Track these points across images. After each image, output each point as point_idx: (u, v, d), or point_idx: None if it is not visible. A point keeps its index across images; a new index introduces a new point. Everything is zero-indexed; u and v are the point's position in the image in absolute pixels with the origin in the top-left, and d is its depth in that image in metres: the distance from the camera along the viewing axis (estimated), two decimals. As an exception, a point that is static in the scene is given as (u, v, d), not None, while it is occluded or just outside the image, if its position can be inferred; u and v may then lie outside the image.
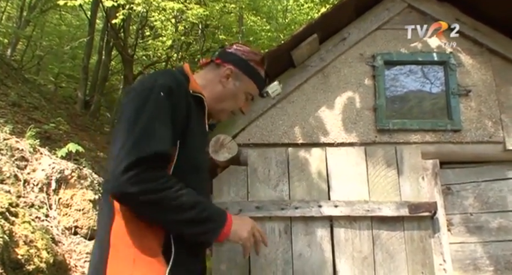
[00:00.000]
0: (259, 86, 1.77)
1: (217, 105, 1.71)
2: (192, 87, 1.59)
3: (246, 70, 1.73)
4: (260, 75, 1.77)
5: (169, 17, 11.65)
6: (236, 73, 1.71)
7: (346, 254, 2.83)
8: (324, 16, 3.19)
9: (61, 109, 11.81)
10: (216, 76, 1.72)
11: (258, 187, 2.94)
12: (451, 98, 3.29)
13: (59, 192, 6.01)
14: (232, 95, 1.72)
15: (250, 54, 1.76)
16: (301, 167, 3.00)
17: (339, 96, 3.33)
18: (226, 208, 2.27)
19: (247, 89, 1.74)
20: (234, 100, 1.73)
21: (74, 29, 16.32)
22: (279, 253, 2.78)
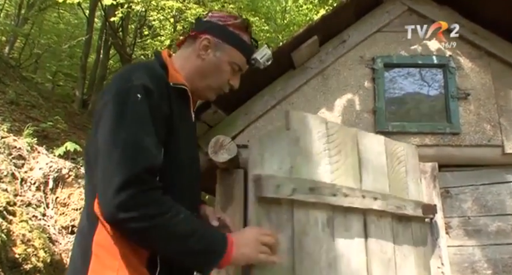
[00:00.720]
0: (244, 53, 1.51)
1: (201, 83, 1.49)
2: (172, 79, 1.40)
3: (226, 37, 1.48)
4: (243, 41, 1.51)
5: (168, 16, 11.64)
6: (215, 42, 1.47)
7: (376, 256, 2.26)
8: (324, 18, 3.20)
9: (59, 108, 11.77)
10: (193, 50, 1.49)
11: (300, 162, 2.05)
12: (450, 101, 3.30)
13: (56, 191, 6.00)
14: (214, 68, 1.48)
15: (229, 18, 1.51)
16: (338, 147, 2.27)
17: (338, 98, 3.33)
18: (278, 186, 1.79)
19: (231, 58, 1.48)
20: (218, 74, 1.49)
21: (72, 28, 16.27)
22: (323, 252, 2.00)
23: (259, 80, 3.24)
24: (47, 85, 14.44)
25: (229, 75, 1.51)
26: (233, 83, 1.54)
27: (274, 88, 3.32)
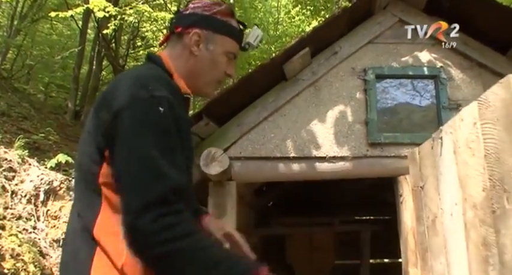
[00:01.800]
0: (237, 39, 1.42)
1: (198, 80, 1.40)
2: (183, 90, 1.34)
3: (215, 27, 1.38)
4: (234, 27, 1.42)
5: (160, 27, 11.66)
6: (205, 35, 1.37)
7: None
8: (316, 30, 3.21)
9: (51, 119, 11.71)
10: (183, 48, 1.38)
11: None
12: (442, 112, 3.30)
13: (47, 204, 5.93)
14: (210, 62, 1.38)
15: (213, 6, 1.41)
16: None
17: (330, 109, 3.33)
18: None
19: (224, 48, 1.39)
20: (214, 67, 1.40)
21: (65, 39, 16.24)
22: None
23: (251, 91, 3.24)
24: (39, 96, 14.37)
25: (224, 65, 1.42)
26: (230, 72, 1.44)
27: (266, 100, 3.32)
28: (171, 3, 13.94)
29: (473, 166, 1.71)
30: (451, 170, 2.01)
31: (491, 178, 1.55)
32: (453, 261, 2.02)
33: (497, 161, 1.51)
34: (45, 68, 14.75)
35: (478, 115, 1.60)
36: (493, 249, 1.55)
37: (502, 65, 3.40)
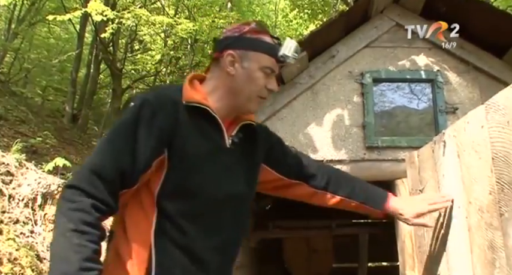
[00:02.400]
0: (270, 53, 1.46)
1: (239, 98, 1.45)
2: (185, 98, 1.39)
3: (248, 45, 1.45)
4: (265, 42, 1.46)
5: (158, 31, 11.67)
6: (239, 54, 1.44)
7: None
8: (313, 34, 3.22)
9: (48, 123, 11.70)
10: (221, 70, 1.46)
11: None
12: (439, 116, 3.32)
13: (45, 207, 5.91)
14: (247, 79, 1.44)
15: (243, 26, 1.48)
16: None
17: (328, 113, 3.34)
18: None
19: (259, 63, 1.44)
20: (252, 83, 1.44)
21: (62, 42, 16.24)
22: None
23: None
24: (37, 100, 14.35)
25: (263, 80, 1.46)
26: (271, 86, 1.48)
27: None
28: (168, 7, 13.96)
29: (480, 169, 1.71)
30: (454, 173, 2.02)
31: (499, 181, 1.56)
32: (455, 264, 2.05)
33: (506, 164, 1.51)
34: (42, 71, 14.75)
35: (486, 119, 1.60)
36: (500, 252, 1.55)
37: (498, 68, 3.42)
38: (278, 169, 1.68)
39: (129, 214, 1.36)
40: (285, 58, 1.46)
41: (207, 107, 1.40)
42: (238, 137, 1.50)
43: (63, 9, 11.86)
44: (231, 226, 1.45)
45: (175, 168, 1.33)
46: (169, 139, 1.32)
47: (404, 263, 3.21)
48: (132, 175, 1.29)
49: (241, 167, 1.51)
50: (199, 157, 1.37)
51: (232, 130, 1.49)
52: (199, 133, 1.38)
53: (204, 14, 11.79)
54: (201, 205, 1.36)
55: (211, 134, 1.42)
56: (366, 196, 1.75)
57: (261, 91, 1.47)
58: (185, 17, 11.32)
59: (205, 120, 1.40)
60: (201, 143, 1.38)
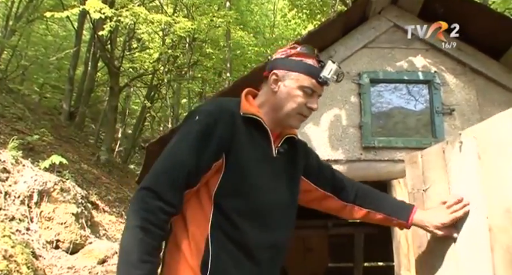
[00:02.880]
0: (310, 74, 1.61)
1: (280, 113, 1.63)
2: (242, 110, 1.59)
3: (289, 66, 1.63)
4: (306, 63, 1.62)
5: (156, 29, 11.66)
6: (282, 74, 1.63)
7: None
8: (311, 34, 3.23)
9: (45, 120, 11.69)
10: (268, 88, 1.67)
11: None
12: (436, 117, 3.33)
13: (41, 205, 5.91)
14: (287, 96, 1.61)
15: (289, 49, 1.68)
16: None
17: (325, 113, 3.35)
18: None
19: (299, 83, 1.61)
20: (291, 100, 1.61)
21: (60, 40, 16.22)
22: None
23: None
24: (34, 97, 14.34)
25: (303, 99, 1.61)
26: (311, 105, 1.63)
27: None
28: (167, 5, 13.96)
29: (508, 170, 1.76)
30: (472, 174, 2.03)
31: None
32: (467, 264, 2.08)
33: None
34: (40, 68, 14.73)
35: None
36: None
37: (495, 70, 3.43)
38: (315, 180, 1.86)
39: (189, 210, 1.54)
40: (325, 79, 1.61)
41: (261, 119, 1.60)
42: (283, 148, 1.68)
43: (61, 6, 11.86)
44: (279, 228, 1.63)
45: (230, 171, 1.52)
46: (227, 145, 1.52)
47: (399, 263, 3.22)
48: (196, 176, 1.49)
49: (286, 175, 1.70)
50: (251, 162, 1.55)
51: (278, 142, 1.67)
52: (251, 142, 1.58)
53: (202, 13, 11.81)
54: (251, 204, 1.54)
55: (262, 143, 1.62)
56: (392, 209, 1.92)
57: (300, 109, 1.62)
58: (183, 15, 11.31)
59: (257, 130, 1.60)
60: (253, 151, 1.57)
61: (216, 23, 11.12)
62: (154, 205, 1.42)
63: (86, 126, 15.07)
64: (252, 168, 1.55)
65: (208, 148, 1.49)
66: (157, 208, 1.42)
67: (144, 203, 1.43)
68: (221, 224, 1.50)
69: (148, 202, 1.42)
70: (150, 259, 1.39)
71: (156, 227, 1.41)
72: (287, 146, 1.71)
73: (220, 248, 1.48)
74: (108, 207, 8.56)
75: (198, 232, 1.51)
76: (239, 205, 1.52)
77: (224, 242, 1.50)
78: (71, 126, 13.04)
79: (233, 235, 1.51)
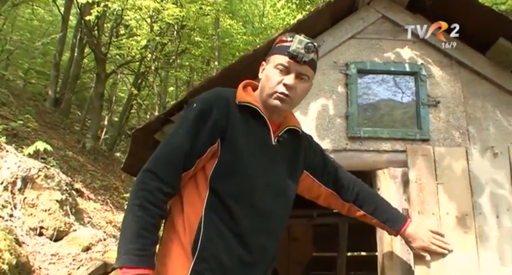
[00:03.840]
0: (282, 52, 1.68)
1: (263, 97, 1.70)
2: (238, 99, 1.67)
3: (271, 53, 1.74)
4: (282, 45, 1.70)
5: (144, 16, 11.53)
6: (266, 62, 1.75)
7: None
8: (299, 23, 3.21)
9: (30, 106, 11.54)
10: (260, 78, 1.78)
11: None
12: (421, 108, 3.36)
13: (25, 191, 5.87)
14: (266, 78, 1.70)
15: (276, 39, 1.78)
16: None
17: (312, 102, 3.35)
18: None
19: (274, 63, 1.69)
20: (269, 80, 1.69)
21: (46, 25, 15.99)
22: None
23: (233, 82, 3.23)
24: (19, 82, 14.14)
25: (278, 77, 1.66)
26: (286, 81, 1.66)
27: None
28: (156, -9, 13.77)
29: None
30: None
31: None
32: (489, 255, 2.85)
33: None
34: (25, 53, 14.52)
35: None
36: None
37: (481, 64, 3.46)
38: (320, 177, 1.93)
39: (186, 193, 1.62)
40: (295, 53, 1.64)
41: (257, 107, 1.66)
42: (283, 137, 1.73)
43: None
44: (272, 214, 1.67)
45: (225, 155, 1.58)
46: (222, 130, 1.58)
47: (382, 252, 3.26)
48: (191, 159, 1.56)
49: (285, 164, 1.74)
50: (246, 148, 1.60)
51: (278, 131, 1.72)
52: (248, 129, 1.63)
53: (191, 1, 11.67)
54: (245, 189, 1.59)
55: (259, 131, 1.67)
56: (387, 217, 2.07)
57: (276, 87, 1.66)
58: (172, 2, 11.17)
59: (254, 119, 1.66)
60: (249, 138, 1.62)
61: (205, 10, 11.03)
62: (152, 185, 1.50)
63: (72, 113, 14.91)
64: (247, 154, 1.60)
65: (203, 132, 1.56)
66: (155, 187, 1.50)
67: (143, 184, 1.51)
68: (215, 206, 1.56)
69: (147, 183, 1.50)
70: (146, 234, 1.45)
71: (154, 205, 1.48)
72: (288, 136, 1.75)
73: (212, 230, 1.54)
74: (93, 194, 8.52)
75: (193, 212, 1.57)
76: (233, 188, 1.57)
77: (217, 225, 1.54)
78: (56, 112, 12.89)
79: (226, 219, 1.56)
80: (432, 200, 3.14)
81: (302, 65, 1.65)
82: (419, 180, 3.15)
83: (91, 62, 15.30)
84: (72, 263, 5.55)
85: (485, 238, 3.08)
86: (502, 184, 3.15)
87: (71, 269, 5.44)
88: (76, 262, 5.59)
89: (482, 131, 3.36)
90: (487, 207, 3.08)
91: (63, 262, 5.50)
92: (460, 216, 3.12)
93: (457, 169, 3.17)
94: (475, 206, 3.10)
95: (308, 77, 1.72)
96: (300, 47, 1.63)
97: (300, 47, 1.63)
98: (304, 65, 1.66)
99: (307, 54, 1.64)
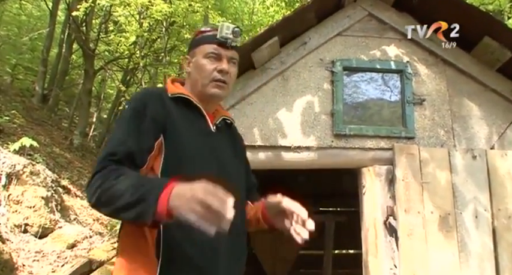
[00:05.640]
0: (208, 41, 1.67)
1: (198, 87, 1.67)
2: (169, 91, 1.64)
3: (193, 45, 1.72)
4: (205, 35, 1.69)
5: (133, 13, 11.45)
6: (190, 55, 1.72)
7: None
8: (285, 19, 3.21)
9: (17, 102, 11.41)
10: (186, 74, 1.75)
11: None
12: (406, 106, 3.37)
13: (9, 188, 5.79)
14: (197, 70, 1.67)
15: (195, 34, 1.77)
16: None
17: (297, 99, 3.35)
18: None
19: (202, 53, 1.67)
20: (201, 70, 1.66)
21: (34, 20, 15.80)
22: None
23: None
24: (5, 78, 13.96)
25: (211, 65, 1.64)
26: (220, 67, 1.64)
27: (233, 88, 3.28)
28: (145, -12, 13.67)
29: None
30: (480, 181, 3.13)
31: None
32: (470, 253, 3.07)
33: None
34: (12, 49, 14.34)
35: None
36: None
37: (466, 62, 3.48)
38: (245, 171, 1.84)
39: None
40: (223, 39, 1.63)
41: (190, 97, 1.62)
42: (221, 124, 1.71)
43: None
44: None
45: (170, 148, 1.51)
46: (162, 123, 1.52)
47: (367, 250, 3.27)
48: (141, 155, 1.47)
49: (229, 151, 1.72)
50: (188, 138, 1.55)
51: (215, 120, 1.69)
52: (185, 119, 1.58)
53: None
54: (197, 178, 1.41)
55: (196, 120, 1.63)
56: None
57: (211, 75, 1.64)
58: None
59: (189, 109, 1.62)
60: (189, 127, 1.58)
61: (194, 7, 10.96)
62: (105, 174, 1.39)
63: (60, 109, 14.76)
64: (191, 143, 1.56)
65: (143, 128, 1.50)
66: (108, 172, 1.39)
67: (98, 181, 1.38)
68: None
69: (100, 177, 1.39)
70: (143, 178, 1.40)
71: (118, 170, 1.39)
72: (225, 126, 1.74)
73: (173, 224, 1.36)
74: (80, 192, 8.43)
75: None
76: (185, 180, 1.40)
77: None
78: (43, 109, 12.75)
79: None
80: (417, 198, 3.17)
81: (230, 49, 1.66)
82: (406, 178, 3.18)
83: (79, 58, 15.15)
84: (56, 260, 5.49)
85: (466, 237, 3.12)
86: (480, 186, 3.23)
87: (55, 267, 5.38)
88: (61, 259, 5.53)
89: (467, 130, 3.38)
90: (467, 209, 3.18)
91: (48, 259, 5.44)
92: (443, 215, 3.16)
93: (440, 169, 3.21)
94: (456, 206, 3.16)
95: (236, 61, 1.72)
96: (228, 33, 1.64)
97: (228, 32, 1.64)
98: (232, 49, 1.67)
99: (235, 38, 1.65)
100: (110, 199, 1.34)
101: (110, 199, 1.34)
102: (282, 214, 1.56)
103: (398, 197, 3.17)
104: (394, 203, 3.17)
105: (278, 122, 3.28)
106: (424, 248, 3.09)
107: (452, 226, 3.13)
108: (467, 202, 3.18)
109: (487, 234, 3.12)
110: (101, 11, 12.59)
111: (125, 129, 1.51)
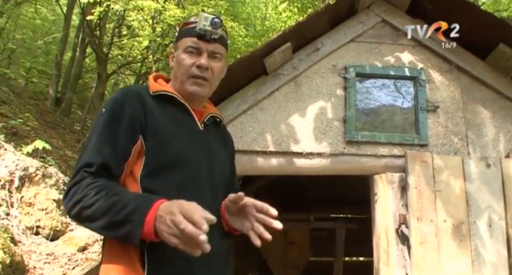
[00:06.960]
0: (188, 34, 1.56)
1: (178, 84, 1.58)
2: (152, 89, 1.53)
3: (177, 39, 1.63)
4: (186, 28, 1.58)
5: (147, 17, 11.54)
6: (173, 49, 1.63)
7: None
8: (298, 25, 3.20)
9: (30, 105, 11.53)
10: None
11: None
12: (420, 113, 3.34)
13: (22, 190, 5.84)
14: (177, 64, 1.57)
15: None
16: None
17: (310, 105, 3.33)
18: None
19: (182, 47, 1.56)
20: (180, 66, 1.56)
21: (48, 24, 15.97)
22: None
23: (231, 84, 3.22)
24: (20, 81, 14.12)
25: (190, 60, 1.54)
26: (198, 62, 1.54)
27: (246, 93, 3.30)
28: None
29: None
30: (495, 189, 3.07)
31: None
32: (484, 262, 3.00)
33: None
34: (27, 52, 14.49)
35: None
36: None
37: (480, 70, 3.45)
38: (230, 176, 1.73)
39: None
40: (202, 32, 1.52)
41: (174, 94, 1.53)
42: (210, 121, 1.61)
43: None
44: (213, 202, 1.49)
45: (152, 150, 1.42)
46: (140, 125, 1.42)
47: (378, 258, 3.23)
48: (117, 164, 1.38)
49: (216, 149, 1.61)
50: (172, 137, 1.46)
51: (202, 118, 1.59)
52: (169, 118, 1.49)
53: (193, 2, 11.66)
54: (179, 180, 1.42)
55: (182, 118, 1.53)
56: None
57: (189, 70, 1.54)
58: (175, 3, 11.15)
59: (174, 107, 1.52)
60: (173, 126, 1.48)
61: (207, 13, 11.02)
62: (82, 186, 1.32)
63: (73, 112, 14.88)
64: (175, 142, 1.46)
65: (120, 133, 1.41)
66: (84, 186, 1.31)
67: (75, 195, 1.31)
68: None
69: (77, 191, 1.32)
70: (120, 194, 1.30)
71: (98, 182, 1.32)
72: (214, 123, 1.65)
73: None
74: (92, 194, 8.50)
75: None
76: (165, 182, 1.40)
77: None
78: (56, 112, 12.86)
79: None
80: (430, 206, 3.13)
81: (212, 43, 1.54)
82: (419, 186, 3.15)
83: (92, 62, 15.28)
84: (67, 263, 5.52)
85: (480, 247, 3.07)
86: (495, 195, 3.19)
87: (66, 269, 5.41)
88: (71, 262, 5.56)
89: (481, 137, 3.34)
90: (481, 217, 3.13)
91: (59, 261, 5.47)
92: (456, 224, 3.11)
93: (454, 177, 3.18)
94: (470, 214, 3.12)
95: (221, 55, 1.59)
96: (207, 24, 1.51)
97: (207, 24, 1.51)
98: (214, 43, 1.55)
99: (215, 30, 1.52)
100: (91, 216, 1.29)
101: (90, 217, 1.29)
102: (241, 214, 1.47)
103: (411, 205, 3.14)
104: (407, 211, 3.14)
105: (290, 128, 3.27)
106: (436, 257, 3.05)
107: (465, 234, 3.09)
108: (481, 211, 3.13)
109: (501, 243, 3.08)
110: (115, 15, 12.69)
111: (101, 135, 1.41)
